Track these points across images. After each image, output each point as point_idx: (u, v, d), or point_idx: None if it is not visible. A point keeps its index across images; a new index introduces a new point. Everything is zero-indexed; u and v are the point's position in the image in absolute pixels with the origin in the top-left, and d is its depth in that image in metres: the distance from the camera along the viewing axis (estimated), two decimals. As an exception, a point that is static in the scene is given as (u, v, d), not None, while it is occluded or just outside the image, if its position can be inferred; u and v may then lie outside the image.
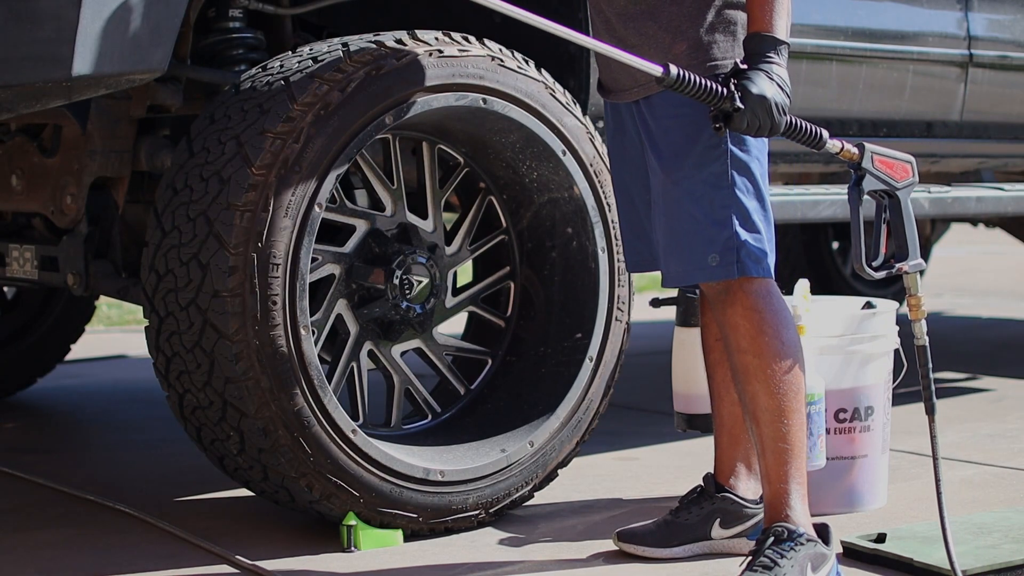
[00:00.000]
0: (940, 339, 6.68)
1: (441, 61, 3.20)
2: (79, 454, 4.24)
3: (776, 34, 2.72)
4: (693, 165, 2.79)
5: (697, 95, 2.64)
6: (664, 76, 2.62)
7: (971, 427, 4.48)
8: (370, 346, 3.35)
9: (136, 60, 2.96)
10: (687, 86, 2.63)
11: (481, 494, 3.30)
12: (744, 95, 2.64)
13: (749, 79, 2.66)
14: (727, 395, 3.07)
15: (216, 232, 2.99)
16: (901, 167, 2.85)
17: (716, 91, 2.65)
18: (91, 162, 3.41)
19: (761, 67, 2.68)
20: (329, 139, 3.05)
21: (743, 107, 2.64)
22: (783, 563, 2.71)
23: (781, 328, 2.79)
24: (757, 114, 2.65)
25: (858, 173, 2.81)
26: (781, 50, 2.73)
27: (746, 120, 2.65)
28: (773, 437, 2.78)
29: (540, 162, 3.44)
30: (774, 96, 2.66)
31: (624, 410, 4.71)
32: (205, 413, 3.08)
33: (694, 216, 2.79)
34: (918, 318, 2.87)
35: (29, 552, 3.16)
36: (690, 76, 2.63)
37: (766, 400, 2.78)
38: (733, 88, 2.65)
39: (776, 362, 2.78)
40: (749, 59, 2.71)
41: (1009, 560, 2.93)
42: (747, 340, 2.78)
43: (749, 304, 2.78)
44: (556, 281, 3.54)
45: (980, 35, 4.54)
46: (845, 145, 2.80)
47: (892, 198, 2.85)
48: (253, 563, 3.03)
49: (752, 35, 2.74)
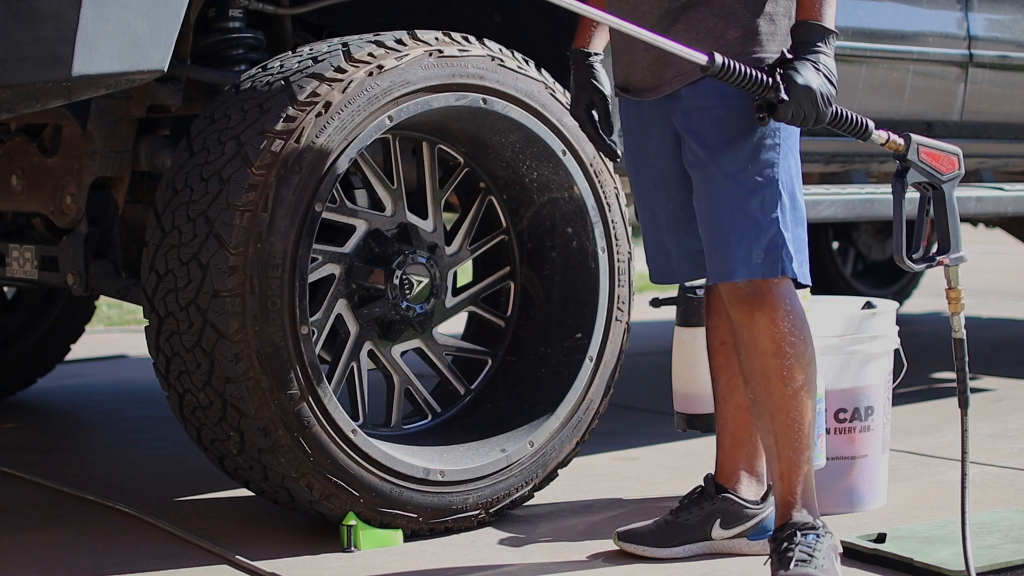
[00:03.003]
0: (940, 338, 6.68)
1: (441, 61, 3.20)
2: (79, 454, 4.24)
3: (824, 23, 2.69)
4: (747, 158, 2.75)
5: (742, 84, 2.61)
6: (709, 64, 2.58)
7: (971, 427, 4.46)
8: (370, 346, 3.35)
9: (136, 60, 2.96)
10: (732, 75, 2.59)
11: (481, 494, 3.30)
12: (789, 85, 2.62)
13: (795, 69, 2.63)
14: (731, 398, 3.06)
15: (216, 232, 2.99)
16: (947, 159, 2.80)
17: (761, 80, 2.62)
18: (91, 162, 3.41)
19: (808, 57, 2.66)
20: (329, 139, 3.05)
21: (787, 98, 2.61)
22: (817, 555, 2.74)
23: (804, 331, 2.79)
24: (802, 104, 2.62)
25: (903, 164, 2.77)
26: (829, 40, 2.69)
27: (791, 111, 2.62)
28: (788, 437, 2.79)
29: (540, 162, 3.44)
30: (820, 87, 2.63)
31: (624, 410, 4.71)
32: (205, 413, 3.08)
33: (745, 211, 2.75)
34: (957, 311, 2.82)
35: (29, 552, 3.16)
36: (735, 64, 2.59)
37: (784, 402, 2.78)
38: (779, 78, 2.62)
39: (797, 365, 2.77)
40: (796, 48, 2.68)
41: (1009, 560, 2.93)
42: (771, 343, 2.76)
43: (776, 306, 2.76)
44: (556, 281, 3.54)
45: (980, 35, 4.54)
46: (891, 136, 2.76)
47: (936, 190, 2.79)
48: (253, 563, 3.03)
49: (800, 23, 2.70)
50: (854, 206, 4.20)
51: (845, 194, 4.17)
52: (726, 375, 3.05)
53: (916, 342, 5.86)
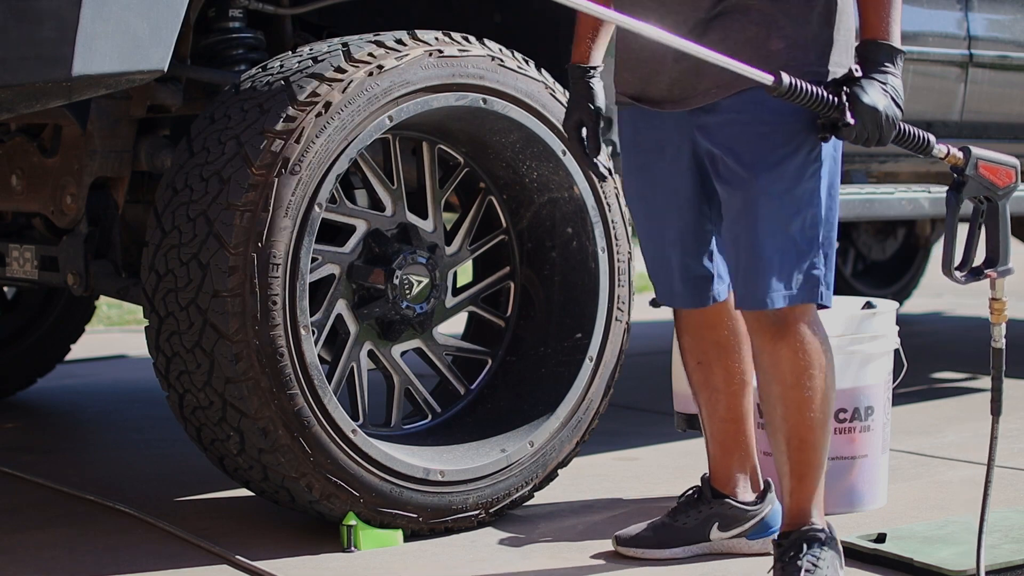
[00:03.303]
0: (940, 339, 6.68)
1: (441, 61, 3.20)
2: (79, 454, 4.24)
3: (892, 42, 2.65)
4: (792, 178, 2.67)
5: (808, 104, 2.55)
6: (776, 85, 2.52)
7: (971, 427, 4.48)
8: (370, 346, 3.35)
9: (136, 60, 2.96)
10: (799, 95, 2.53)
11: (481, 494, 3.30)
12: (855, 106, 2.57)
13: (862, 88, 2.58)
14: (715, 413, 3.04)
15: (216, 232, 2.99)
16: (1004, 172, 2.74)
17: (828, 100, 2.56)
18: (91, 162, 3.41)
19: (875, 77, 2.61)
20: (329, 139, 3.05)
21: (852, 122, 2.56)
22: (822, 564, 2.74)
23: (826, 360, 2.75)
24: (867, 126, 2.58)
25: (960, 178, 2.72)
26: (897, 60, 2.65)
27: (855, 132, 2.58)
28: (801, 460, 2.77)
29: (540, 162, 3.44)
30: (886, 109, 2.59)
31: (624, 410, 4.71)
32: (205, 413, 3.08)
33: (787, 234, 2.68)
34: (999, 321, 2.78)
35: (29, 552, 3.16)
36: (802, 85, 2.53)
37: (799, 429, 2.75)
38: (845, 98, 2.57)
39: (816, 395, 2.74)
40: (864, 67, 2.63)
41: (1009, 560, 2.93)
42: (791, 374, 2.73)
43: (801, 336, 2.72)
44: (556, 281, 3.54)
45: (980, 35, 4.53)
46: (951, 150, 2.71)
47: (990, 203, 2.75)
48: (253, 563, 3.03)
49: (867, 42, 2.65)
50: (854, 206, 4.20)
51: (845, 194, 4.17)
52: (706, 392, 3.03)
53: (916, 342, 5.85)
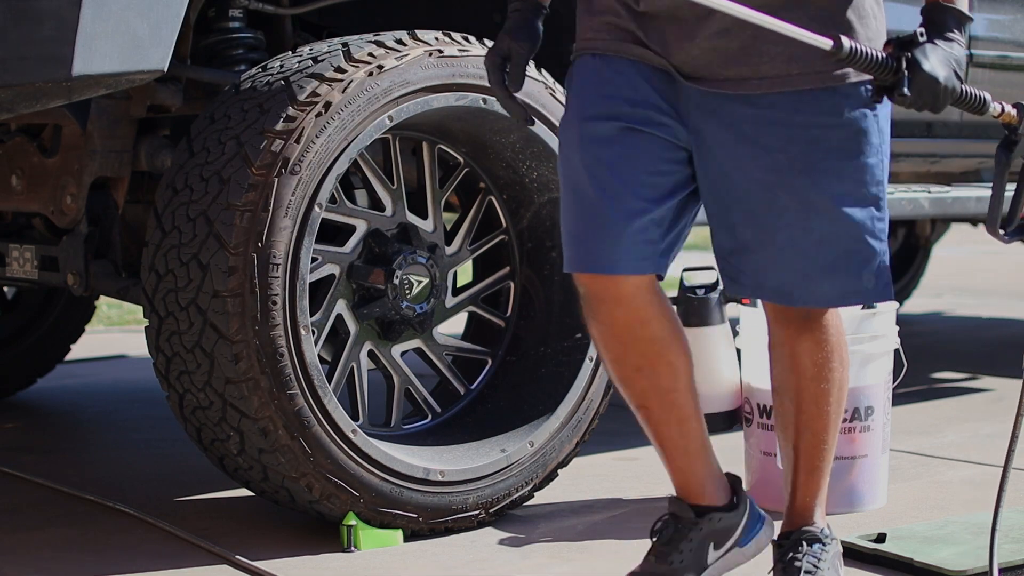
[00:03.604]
0: (940, 339, 6.68)
1: (441, 61, 3.20)
2: (79, 454, 4.24)
3: (961, 6, 2.48)
4: (858, 178, 2.57)
5: (867, 68, 2.42)
6: (836, 50, 2.38)
7: (971, 427, 4.48)
8: (370, 346, 3.35)
9: (136, 60, 2.96)
10: (859, 59, 2.40)
11: (481, 494, 3.30)
12: (914, 73, 2.42)
13: (924, 54, 2.43)
14: (671, 416, 2.79)
15: (216, 232, 2.99)
16: None
17: (889, 64, 2.43)
18: (91, 162, 3.41)
19: (939, 43, 2.45)
20: (329, 139, 3.05)
21: (908, 93, 2.42)
22: (822, 565, 2.72)
23: (844, 355, 2.72)
24: (923, 95, 2.43)
25: (1012, 137, 2.63)
26: (965, 28, 2.51)
27: (909, 100, 2.44)
28: (811, 455, 2.75)
29: (540, 162, 3.44)
30: (946, 80, 2.43)
31: (624, 410, 4.67)
32: (205, 413, 3.08)
33: (854, 234, 2.58)
34: None
35: (29, 552, 3.16)
36: (863, 48, 2.40)
37: (812, 422, 2.72)
38: (904, 64, 2.42)
39: (832, 389, 2.71)
40: (929, 29, 2.47)
41: (1009, 560, 2.93)
42: (811, 367, 2.69)
43: (825, 330, 2.67)
44: (556, 281, 3.54)
45: (980, 35, 4.53)
46: (1006, 108, 2.61)
47: None
48: (253, 563, 3.03)
49: (935, 5, 2.48)
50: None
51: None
52: (656, 398, 2.77)
53: (916, 342, 5.86)
